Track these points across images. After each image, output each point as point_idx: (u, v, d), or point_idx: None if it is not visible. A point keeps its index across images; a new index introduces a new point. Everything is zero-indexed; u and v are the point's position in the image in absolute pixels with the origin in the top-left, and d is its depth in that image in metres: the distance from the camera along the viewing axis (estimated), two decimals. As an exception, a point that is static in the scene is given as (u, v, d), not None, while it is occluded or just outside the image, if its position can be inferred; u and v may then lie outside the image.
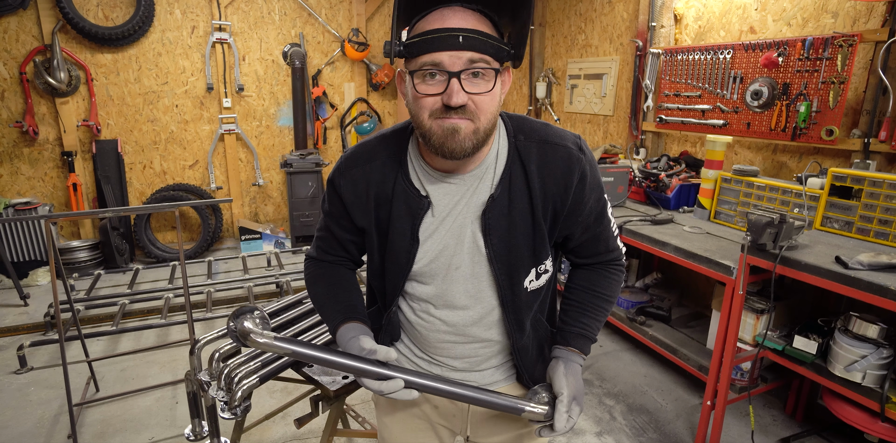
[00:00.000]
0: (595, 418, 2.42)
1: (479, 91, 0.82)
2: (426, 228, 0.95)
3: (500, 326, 1.02)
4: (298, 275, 3.89)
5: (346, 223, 1.02)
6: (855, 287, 1.60)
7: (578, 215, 0.97)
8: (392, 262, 0.98)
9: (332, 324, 1.01)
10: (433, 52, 0.80)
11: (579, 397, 0.93)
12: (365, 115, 5.01)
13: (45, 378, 2.73)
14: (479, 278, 0.97)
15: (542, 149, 0.93)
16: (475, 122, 0.83)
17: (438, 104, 0.82)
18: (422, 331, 1.04)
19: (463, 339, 1.02)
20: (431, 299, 1.00)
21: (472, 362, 1.05)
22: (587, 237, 1.03)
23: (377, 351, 0.88)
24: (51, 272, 2.18)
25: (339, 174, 0.98)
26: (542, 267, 0.99)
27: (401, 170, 0.95)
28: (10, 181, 4.13)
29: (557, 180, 0.92)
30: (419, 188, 0.94)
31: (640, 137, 3.39)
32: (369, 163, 0.96)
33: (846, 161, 2.26)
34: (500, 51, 0.83)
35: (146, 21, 4.17)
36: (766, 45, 2.43)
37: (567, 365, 0.97)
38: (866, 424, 1.71)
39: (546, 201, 0.93)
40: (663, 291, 2.96)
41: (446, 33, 0.79)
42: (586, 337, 1.02)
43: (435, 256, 0.96)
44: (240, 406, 1.38)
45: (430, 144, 0.86)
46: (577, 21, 3.98)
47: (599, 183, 0.99)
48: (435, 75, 0.81)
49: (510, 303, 0.98)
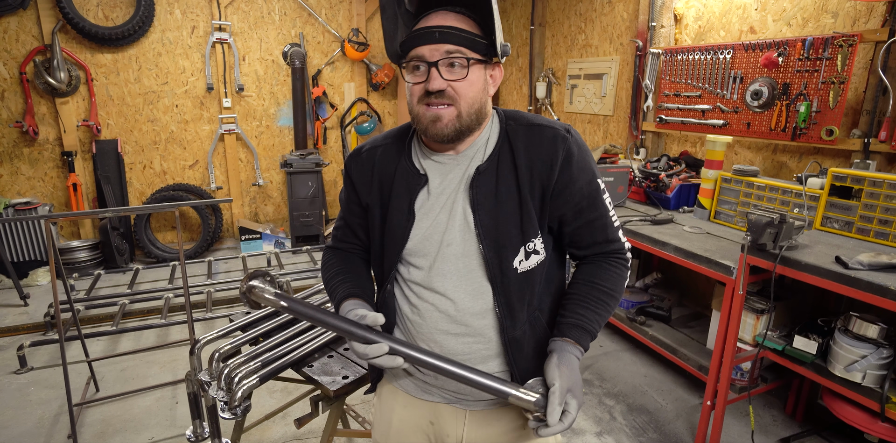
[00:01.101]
0: (595, 418, 2.42)
1: (456, 77, 0.93)
2: (421, 204, 1.02)
3: (492, 314, 1.01)
4: (299, 275, 3.89)
5: (356, 207, 1.12)
6: (855, 287, 1.60)
7: (569, 195, 0.99)
8: (389, 238, 1.04)
9: (335, 301, 1.08)
10: (416, 46, 0.93)
11: (575, 389, 0.88)
12: (365, 115, 5.01)
13: (45, 378, 2.73)
14: (470, 257, 0.99)
15: (530, 130, 1.01)
16: (456, 106, 0.94)
17: (423, 91, 0.94)
18: (416, 320, 1.04)
19: (455, 328, 1.01)
20: (423, 281, 1.02)
21: (466, 360, 1.03)
22: (582, 223, 1.02)
23: (367, 316, 0.95)
24: (51, 272, 2.18)
25: (351, 159, 1.10)
26: (532, 245, 0.99)
27: (404, 153, 1.06)
28: (10, 181, 4.13)
29: (543, 157, 0.97)
30: (418, 167, 1.04)
31: (640, 137, 3.39)
32: (377, 147, 1.08)
33: (846, 161, 2.26)
34: (475, 43, 0.93)
35: (146, 21, 4.17)
36: (766, 45, 2.43)
37: (561, 356, 0.93)
38: (866, 424, 1.71)
39: (533, 178, 0.98)
40: (663, 291, 2.96)
41: (426, 30, 0.92)
42: (583, 328, 0.98)
43: (428, 232, 1.01)
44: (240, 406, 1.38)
45: (419, 128, 0.98)
46: (577, 21, 3.98)
47: (590, 166, 1.02)
48: (420, 68, 0.94)
49: (500, 283, 0.98)
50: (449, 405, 1.09)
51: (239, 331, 1.72)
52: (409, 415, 1.14)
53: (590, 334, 0.99)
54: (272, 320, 1.74)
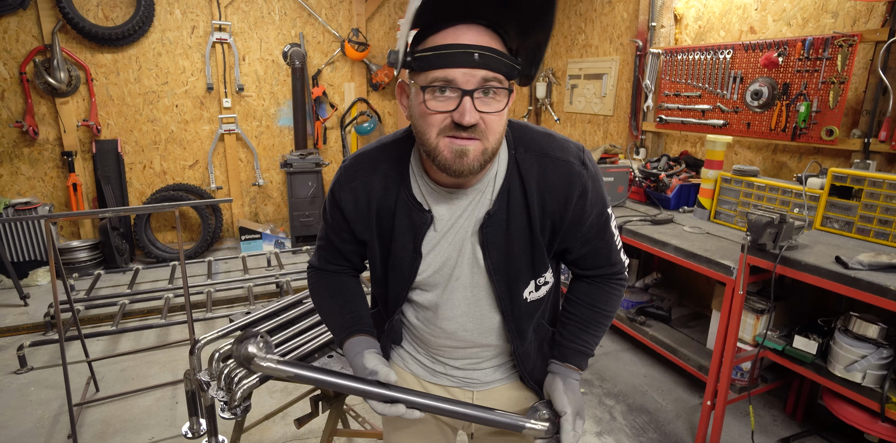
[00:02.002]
0: (595, 418, 2.42)
1: (491, 110, 0.80)
2: (428, 242, 0.95)
3: (501, 333, 1.03)
4: (299, 275, 3.89)
5: (347, 236, 1.02)
6: (855, 287, 1.60)
7: (577, 231, 0.96)
8: (395, 272, 0.98)
9: (339, 337, 1.03)
10: (447, 67, 0.77)
11: (581, 412, 0.95)
12: (365, 115, 5.01)
13: (45, 378, 2.73)
14: (478, 288, 0.98)
15: (543, 163, 0.90)
16: (484, 142, 0.81)
17: (448, 121, 0.80)
18: (424, 334, 1.05)
19: (463, 344, 1.03)
20: (432, 307, 1.00)
21: (473, 362, 1.07)
22: (587, 251, 1.01)
23: (378, 373, 0.89)
24: (51, 272, 2.18)
25: (340, 187, 0.96)
26: (542, 279, 0.99)
27: (403, 183, 0.93)
28: (10, 181, 4.13)
29: (557, 197, 0.90)
30: (422, 203, 0.93)
31: (640, 137, 3.39)
32: (370, 175, 0.94)
33: (846, 161, 2.26)
34: (511, 70, 0.81)
35: (146, 21, 4.17)
36: (766, 45, 2.43)
37: (566, 382, 0.99)
38: (866, 424, 1.70)
39: (544, 217, 0.92)
40: (663, 291, 2.96)
41: (461, 50, 0.76)
42: (584, 353, 1.03)
43: (437, 268, 0.96)
44: (240, 406, 1.38)
45: (436, 162, 0.83)
46: (577, 21, 3.98)
47: (602, 198, 0.97)
48: (445, 91, 0.78)
49: (510, 313, 0.98)
50: (458, 388, 1.11)
51: (239, 331, 1.72)
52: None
53: (588, 356, 1.04)
54: (272, 320, 1.75)
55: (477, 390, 1.10)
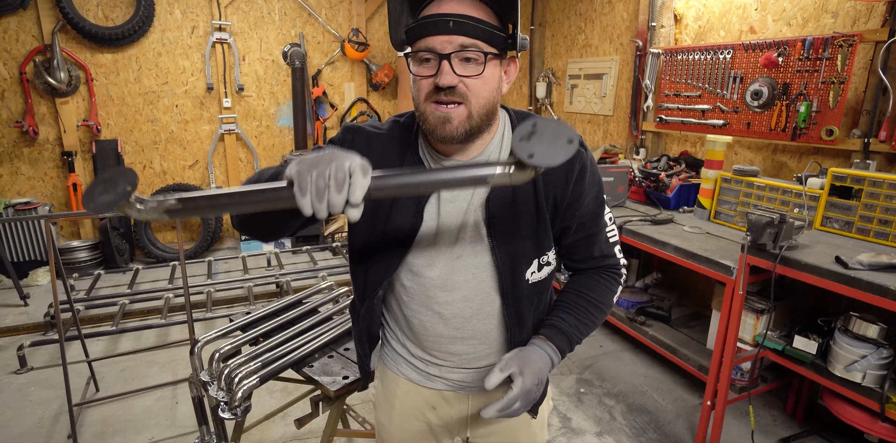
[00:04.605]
0: (595, 418, 2.42)
1: (470, 73, 0.84)
2: (430, 209, 0.95)
3: (500, 318, 1.01)
4: (299, 275, 3.89)
5: None
6: (855, 287, 1.60)
7: (577, 209, 0.97)
8: (392, 238, 0.96)
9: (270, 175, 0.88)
10: (426, 36, 0.83)
11: (525, 368, 0.89)
12: (365, 115, 5.01)
13: (45, 378, 2.73)
14: (480, 268, 0.97)
15: None
16: (467, 105, 0.85)
17: (432, 86, 0.85)
18: (417, 322, 1.03)
19: (460, 333, 1.01)
20: (430, 290, 0.99)
21: (469, 358, 1.05)
22: (581, 236, 1.02)
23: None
24: (51, 272, 2.18)
25: (351, 132, 0.98)
26: (545, 258, 0.99)
27: (410, 149, 0.96)
28: (10, 181, 4.13)
29: (558, 173, 0.93)
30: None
31: (640, 137, 3.39)
32: (381, 135, 0.98)
33: (846, 161, 2.26)
34: (493, 36, 0.84)
35: (146, 21, 4.17)
36: (766, 45, 2.43)
37: (526, 347, 0.95)
38: (866, 424, 1.71)
39: (548, 192, 0.94)
40: (663, 291, 2.96)
41: (438, 18, 0.82)
42: (559, 328, 0.98)
43: (437, 240, 0.96)
44: (240, 406, 1.38)
45: (425, 128, 0.89)
46: (577, 21, 3.98)
47: (599, 181, 1.00)
48: (429, 60, 0.85)
49: (510, 294, 0.98)
50: (452, 392, 1.10)
51: (239, 331, 1.72)
52: (410, 401, 1.13)
53: (566, 336, 0.98)
54: (272, 320, 1.74)
55: (473, 395, 1.09)
